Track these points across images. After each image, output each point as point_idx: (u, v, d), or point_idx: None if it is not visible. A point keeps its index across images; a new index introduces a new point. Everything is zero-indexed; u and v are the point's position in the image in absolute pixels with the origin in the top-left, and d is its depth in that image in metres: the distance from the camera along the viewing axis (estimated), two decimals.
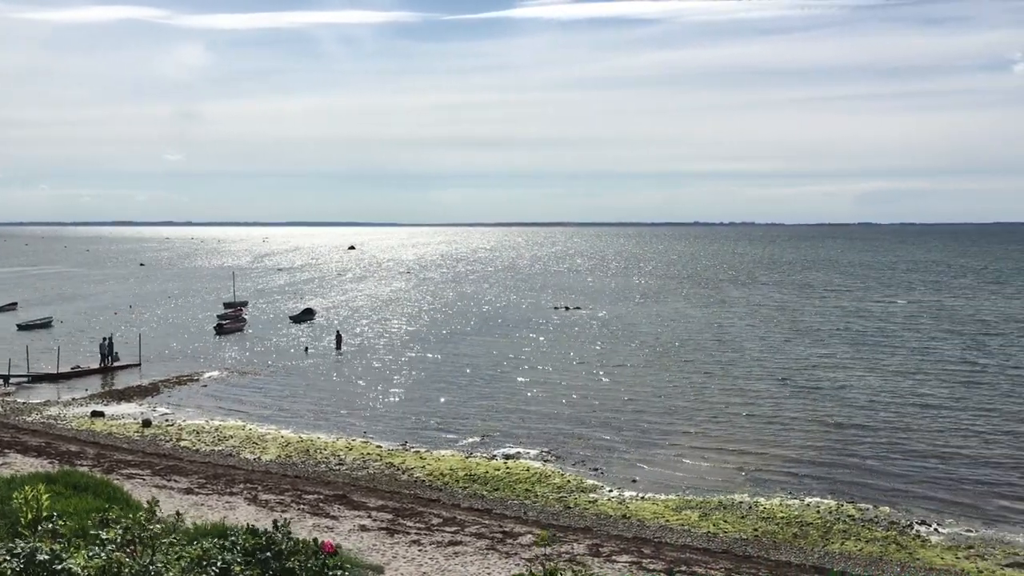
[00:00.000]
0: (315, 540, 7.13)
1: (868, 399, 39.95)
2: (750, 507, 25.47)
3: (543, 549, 20.33)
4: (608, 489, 27.53)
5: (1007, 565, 21.14)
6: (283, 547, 6.90)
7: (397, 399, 42.17)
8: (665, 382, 45.15)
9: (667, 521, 24.33)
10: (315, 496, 25.63)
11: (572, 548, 21.17)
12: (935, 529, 23.74)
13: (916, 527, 23.85)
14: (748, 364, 49.94)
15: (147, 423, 36.26)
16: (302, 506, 24.36)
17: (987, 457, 30.48)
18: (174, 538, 7.95)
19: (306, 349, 58.04)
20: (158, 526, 7.97)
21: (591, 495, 26.85)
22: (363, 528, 22.28)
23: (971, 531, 23.63)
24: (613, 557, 20.61)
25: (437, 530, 22.41)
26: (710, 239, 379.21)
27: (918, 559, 21.51)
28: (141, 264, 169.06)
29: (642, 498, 26.57)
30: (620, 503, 26.01)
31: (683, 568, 19.82)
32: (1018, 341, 57.28)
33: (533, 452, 32.06)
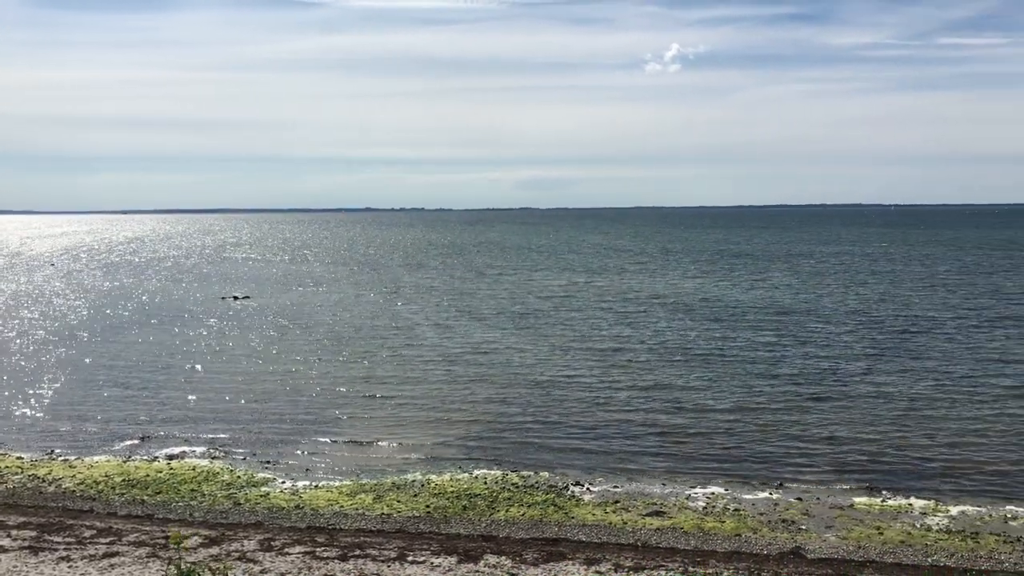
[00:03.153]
0: None
1: (529, 374, 42.67)
2: (423, 485, 26.22)
3: (176, 552, 19.29)
4: (281, 481, 26.97)
5: (647, 514, 23.66)
6: None
7: (41, 404, 38.06)
8: (339, 369, 45.01)
9: (342, 507, 24.34)
10: None
11: (242, 545, 20.47)
12: (587, 488, 25.96)
13: (571, 488, 25.93)
14: (419, 348, 51.20)
15: None
16: None
17: (629, 421, 33.83)
18: None
19: None
20: None
21: (263, 489, 26.14)
22: (1, 549, 19.92)
23: (617, 487, 26.15)
24: (286, 549, 20.22)
25: (90, 543, 20.61)
26: (381, 225, 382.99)
27: (573, 517, 23.41)
28: None
29: (316, 487, 26.33)
30: (293, 494, 25.58)
31: (357, 552, 19.93)
32: (669, 317, 64.10)
33: (200, 450, 30.53)
